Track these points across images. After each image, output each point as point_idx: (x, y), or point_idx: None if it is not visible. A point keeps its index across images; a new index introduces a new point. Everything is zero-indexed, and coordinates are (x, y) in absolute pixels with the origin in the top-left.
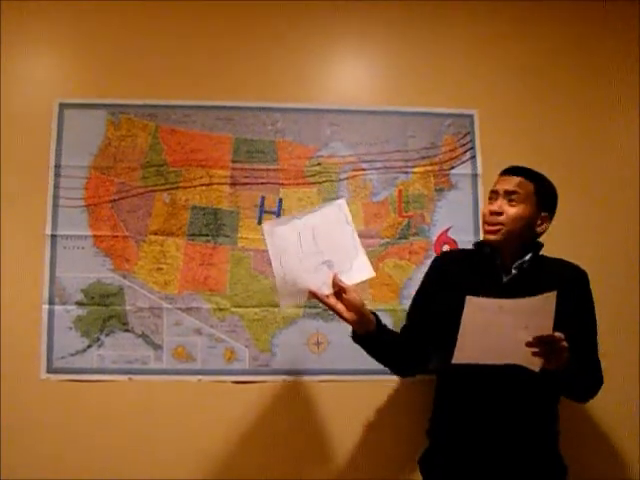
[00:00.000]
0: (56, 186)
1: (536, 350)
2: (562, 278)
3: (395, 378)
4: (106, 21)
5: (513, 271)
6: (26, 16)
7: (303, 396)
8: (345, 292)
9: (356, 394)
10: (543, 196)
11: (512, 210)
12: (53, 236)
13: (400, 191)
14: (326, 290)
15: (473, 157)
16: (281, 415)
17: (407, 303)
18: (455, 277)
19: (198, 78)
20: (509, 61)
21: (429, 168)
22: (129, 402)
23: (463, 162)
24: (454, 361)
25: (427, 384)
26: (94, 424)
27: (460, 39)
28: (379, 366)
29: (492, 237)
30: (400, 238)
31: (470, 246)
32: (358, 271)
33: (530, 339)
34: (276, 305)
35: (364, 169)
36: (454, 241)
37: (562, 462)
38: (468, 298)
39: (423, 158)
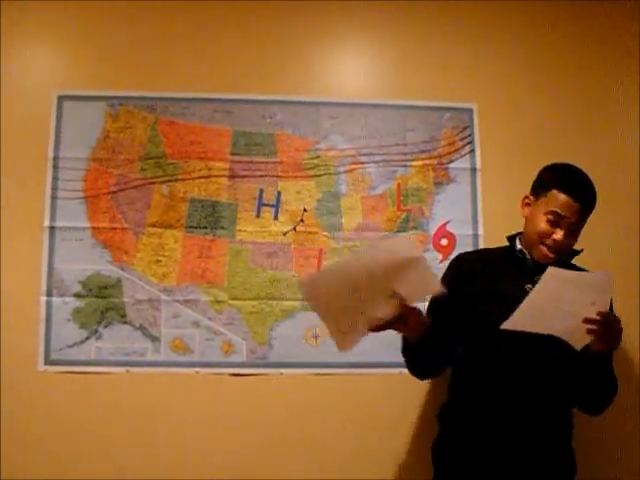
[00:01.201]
0: (55, 178)
1: (593, 327)
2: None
3: (393, 371)
4: (105, 13)
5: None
6: (24, 8)
7: (300, 389)
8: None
9: (353, 387)
10: (591, 209)
11: (571, 239)
12: (51, 228)
13: (399, 184)
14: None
15: (472, 151)
16: (278, 408)
17: None
18: (483, 276)
19: (197, 70)
20: (509, 55)
21: (428, 162)
22: (127, 394)
23: (462, 156)
24: (503, 327)
25: None
26: (92, 416)
27: (460, 33)
28: (376, 359)
29: (548, 259)
30: (399, 231)
31: (468, 240)
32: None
33: (593, 315)
34: (274, 298)
35: (363, 162)
36: (452, 235)
37: (573, 456)
38: (550, 268)
39: (422, 152)
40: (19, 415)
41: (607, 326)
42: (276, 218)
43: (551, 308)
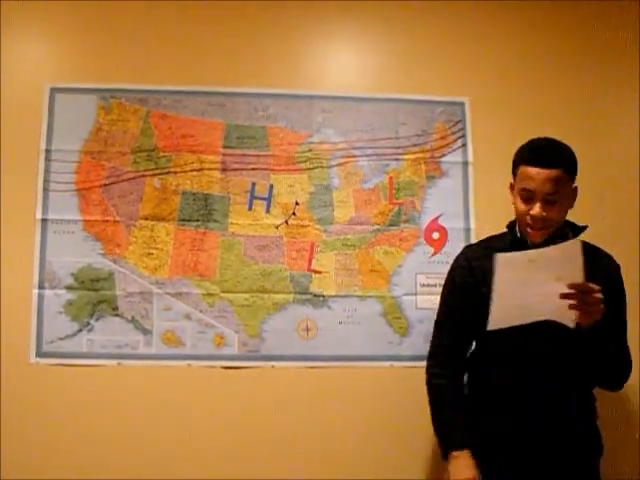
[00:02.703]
0: (47, 170)
1: (573, 303)
2: (600, 266)
3: (384, 364)
4: (98, 6)
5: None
6: (17, 1)
7: (292, 382)
8: None
9: (345, 380)
10: (572, 176)
11: (553, 211)
12: (44, 220)
13: (391, 178)
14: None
15: (464, 145)
16: (270, 400)
17: (396, 290)
18: (486, 270)
19: (189, 63)
20: (501, 50)
21: (420, 155)
22: (118, 387)
23: (454, 150)
24: (490, 328)
25: (415, 371)
26: (83, 408)
27: (453, 27)
28: (368, 353)
29: (538, 239)
30: (390, 225)
31: (460, 233)
32: None
33: (564, 290)
34: (265, 291)
35: (355, 156)
36: (444, 228)
37: (598, 434)
38: (497, 256)
39: (414, 145)
40: (10, 407)
41: (583, 297)
42: (268, 211)
43: (522, 295)
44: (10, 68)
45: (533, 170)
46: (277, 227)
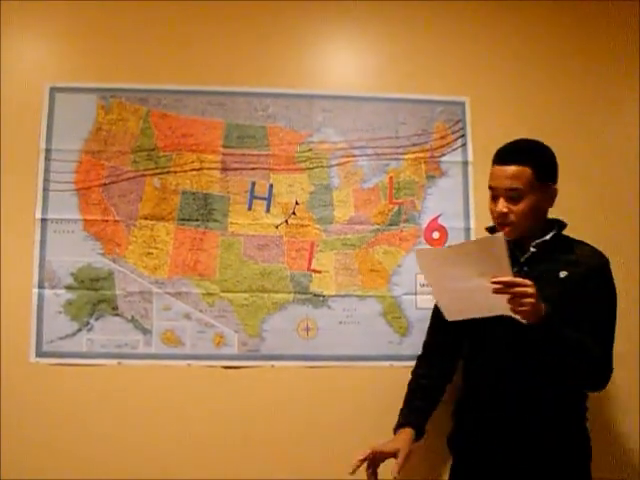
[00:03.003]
0: (46, 170)
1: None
2: (582, 262)
3: (384, 364)
4: (98, 5)
5: (531, 249)
6: (17, 1)
7: (292, 381)
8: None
9: (345, 380)
10: (544, 174)
11: (518, 208)
12: (43, 220)
13: (391, 178)
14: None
15: (464, 144)
16: (270, 400)
17: (396, 289)
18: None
19: (189, 63)
20: (501, 49)
21: (420, 155)
22: (118, 386)
23: (454, 149)
24: (449, 319)
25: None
26: (83, 408)
27: (453, 27)
28: (368, 352)
29: (507, 236)
30: (390, 225)
31: (460, 233)
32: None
33: (489, 285)
34: (265, 290)
35: (355, 155)
36: (444, 228)
37: (586, 439)
38: (416, 251)
39: (414, 145)
40: (10, 407)
41: (511, 292)
42: (268, 211)
43: (456, 289)
44: (10, 67)
45: (496, 168)
46: (277, 227)
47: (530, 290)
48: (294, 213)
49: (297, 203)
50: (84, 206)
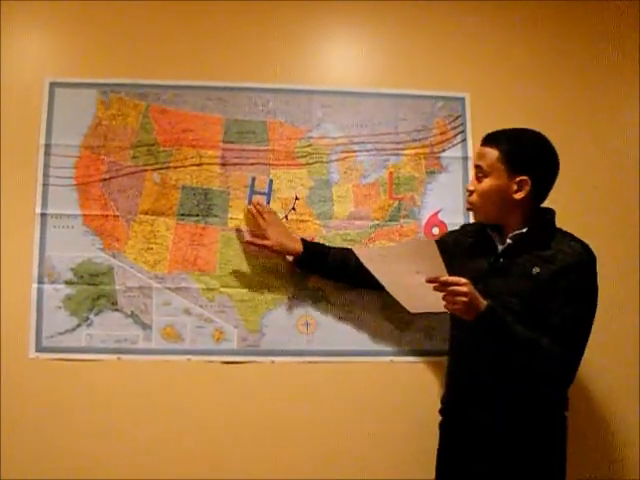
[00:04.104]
0: (46, 165)
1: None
2: (557, 259)
3: (384, 359)
4: (98, 1)
5: (508, 241)
6: None
7: (291, 377)
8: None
9: (345, 375)
10: (512, 160)
11: (479, 187)
12: (43, 215)
13: (391, 173)
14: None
15: (464, 140)
16: (269, 395)
17: None
18: (458, 249)
19: (189, 58)
20: (501, 45)
21: (420, 151)
22: (118, 381)
23: (454, 145)
24: (412, 311)
25: (415, 366)
26: (82, 403)
27: (453, 22)
28: (368, 348)
29: (474, 218)
30: (390, 220)
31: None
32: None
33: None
34: (265, 286)
35: (355, 151)
36: (444, 223)
37: (560, 433)
38: (355, 249)
39: (414, 140)
40: (9, 402)
41: (444, 290)
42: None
43: (402, 284)
44: (10, 62)
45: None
46: None
47: (463, 289)
48: (294, 208)
49: (297, 198)
50: (84, 201)
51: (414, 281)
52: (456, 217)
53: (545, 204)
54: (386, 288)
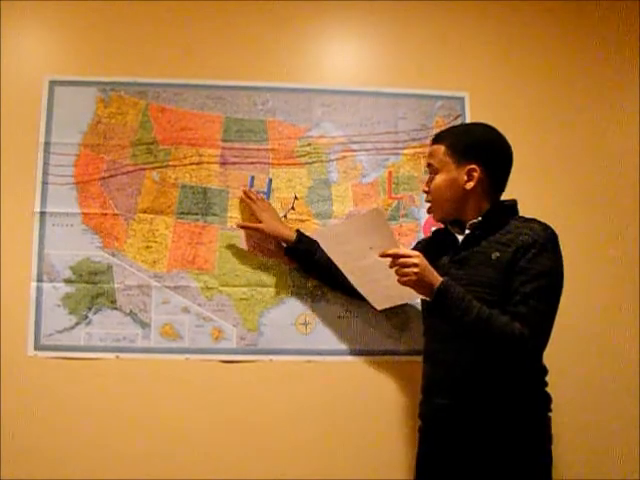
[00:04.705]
0: (45, 163)
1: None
2: (514, 241)
3: (383, 358)
4: None
5: (466, 231)
6: None
7: (290, 376)
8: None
9: (343, 374)
10: (457, 150)
11: (432, 184)
12: (42, 213)
13: (390, 172)
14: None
15: None
16: (268, 394)
17: None
18: (427, 254)
19: (189, 57)
20: (501, 45)
21: (419, 150)
22: (116, 380)
23: None
24: (379, 308)
25: (414, 365)
26: (81, 402)
27: (453, 22)
28: (366, 347)
29: (434, 218)
30: (389, 220)
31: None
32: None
33: (379, 259)
34: (264, 285)
35: (354, 150)
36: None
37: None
38: (313, 232)
39: (413, 140)
40: (7, 400)
41: (396, 262)
42: None
43: (362, 270)
44: (9, 60)
45: None
46: None
47: (414, 260)
48: (293, 208)
49: (296, 198)
50: (83, 199)
51: (369, 260)
52: None
53: (550, 204)
54: (348, 278)
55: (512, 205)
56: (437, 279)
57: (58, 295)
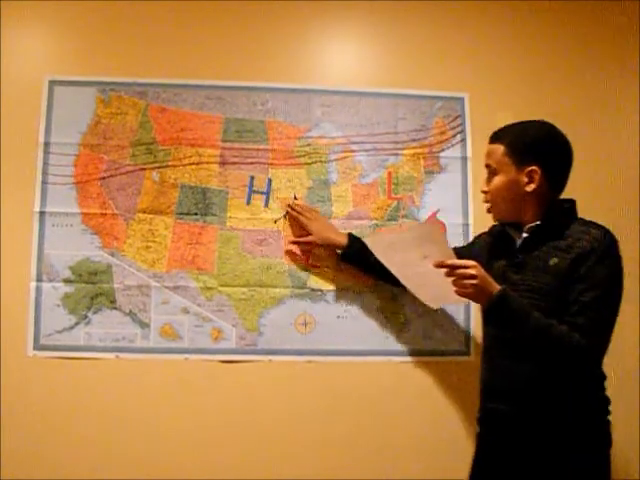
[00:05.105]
0: (45, 163)
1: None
2: (573, 247)
3: (381, 359)
4: None
5: (524, 234)
6: None
7: (289, 376)
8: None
9: (342, 375)
10: (518, 151)
11: (491, 185)
12: (42, 213)
13: (390, 173)
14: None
15: (463, 140)
16: (267, 394)
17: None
18: (484, 252)
19: (188, 57)
20: (501, 45)
21: (419, 150)
22: (116, 380)
23: (453, 145)
24: (434, 307)
25: (413, 365)
26: (80, 401)
27: (453, 22)
28: (365, 347)
29: (493, 219)
30: (389, 220)
31: (458, 228)
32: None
33: (433, 269)
34: (263, 285)
35: (354, 150)
36: (443, 223)
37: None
38: (365, 240)
39: (413, 140)
40: (7, 400)
41: (452, 273)
42: (267, 205)
43: (417, 275)
44: (9, 60)
45: None
46: (275, 221)
47: (471, 271)
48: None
49: (295, 198)
50: (82, 199)
51: (423, 268)
52: (455, 217)
53: None
54: (401, 281)
55: (571, 207)
56: (495, 288)
57: (57, 295)
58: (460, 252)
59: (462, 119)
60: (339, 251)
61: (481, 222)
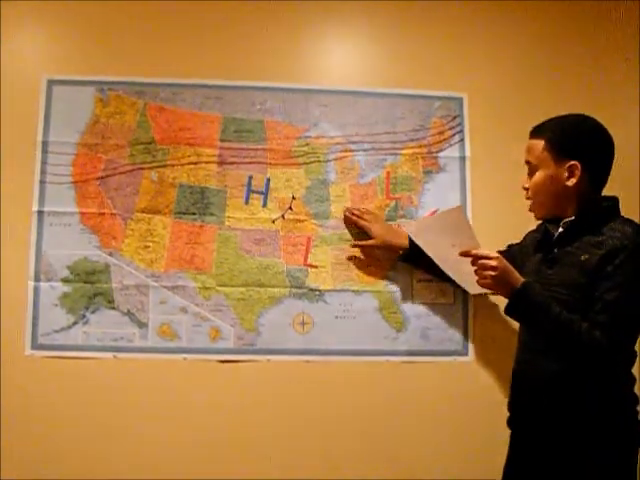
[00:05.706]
0: (43, 162)
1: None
2: (605, 244)
3: (380, 359)
4: None
5: (560, 229)
6: None
7: (287, 376)
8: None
9: (340, 375)
10: (558, 146)
11: (532, 181)
12: (40, 212)
13: (388, 173)
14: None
15: (462, 140)
16: (265, 394)
17: (393, 285)
18: (531, 247)
19: (187, 56)
20: (499, 45)
21: (417, 150)
22: (114, 380)
23: (451, 145)
24: (473, 293)
25: (411, 366)
26: (78, 401)
27: (451, 22)
28: (364, 347)
29: (534, 215)
30: (387, 220)
31: None
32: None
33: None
34: (262, 285)
35: (352, 150)
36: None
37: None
38: (403, 225)
39: (412, 140)
40: (4, 399)
41: (475, 263)
42: (265, 205)
43: (451, 261)
44: (8, 60)
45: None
46: (273, 221)
47: (492, 263)
48: (291, 208)
49: (294, 198)
50: (81, 199)
51: (454, 255)
52: None
53: None
54: (440, 266)
55: (611, 205)
56: (518, 280)
57: (55, 294)
58: (508, 251)
59: (461, 119)
60: (400, 251)
61: (480, 222)
